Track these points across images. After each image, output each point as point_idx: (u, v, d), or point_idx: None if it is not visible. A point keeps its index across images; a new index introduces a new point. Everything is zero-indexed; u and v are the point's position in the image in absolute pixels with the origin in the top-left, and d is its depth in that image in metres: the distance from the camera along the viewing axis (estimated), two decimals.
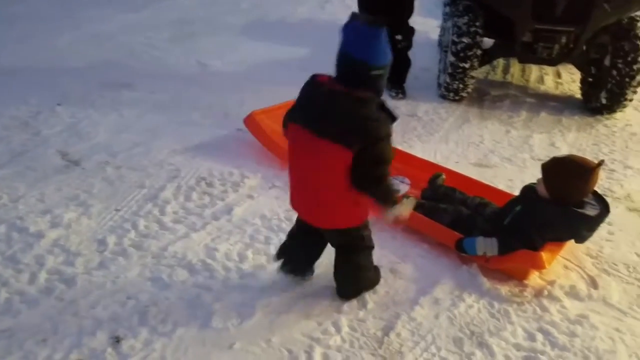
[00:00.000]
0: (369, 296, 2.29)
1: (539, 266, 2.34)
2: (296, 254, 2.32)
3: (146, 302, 2.25)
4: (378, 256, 2.54)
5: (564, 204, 2.33)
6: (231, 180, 3.20)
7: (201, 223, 2.79)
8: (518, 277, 2.43)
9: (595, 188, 3.15)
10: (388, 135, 1.87)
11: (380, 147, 1.84)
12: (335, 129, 1.82)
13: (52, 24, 6.03)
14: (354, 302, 2.27)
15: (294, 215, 2.77)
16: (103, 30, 6.01)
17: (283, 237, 2.65)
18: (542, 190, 2.40)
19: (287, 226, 2.73)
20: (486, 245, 2.37)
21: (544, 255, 2.32)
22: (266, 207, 2.94)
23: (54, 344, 2.03)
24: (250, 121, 3.62)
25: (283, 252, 2.34)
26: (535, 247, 2.33)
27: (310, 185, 2.02)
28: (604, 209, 2.37)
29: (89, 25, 6.15)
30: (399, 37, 4.26)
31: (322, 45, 5.93)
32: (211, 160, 3.43)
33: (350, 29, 1.79)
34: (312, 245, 2.29)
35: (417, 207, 2.69)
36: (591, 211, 2.33)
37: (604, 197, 2.44)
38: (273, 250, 2.57)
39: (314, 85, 1.92)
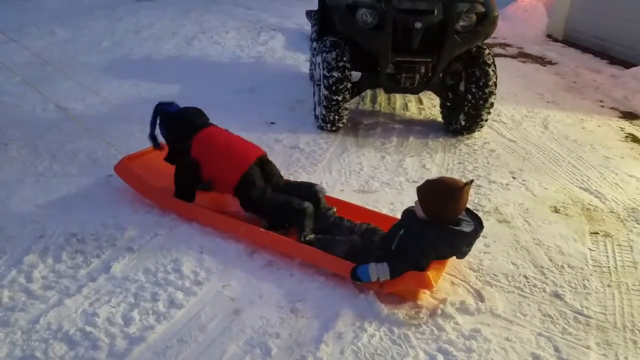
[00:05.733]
0: (272, 342, 2.20)
1: (428, 286, 2.43)
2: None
3: None
4: (277, 296, 2.49)
5: (441, 223, 2.46)
6: (106, 233, 2.93)
7: (76, 286, 2.50)
8: (410, 298, 2.50)
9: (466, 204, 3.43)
10: None
11: None
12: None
13: None
14: (256, 351, 2.16)
15: (183, 266, 2.66)
16: None
17: (172, 291, 2.48)
18: (419, 212, 2.52)
19: (176, 278, 2.57)
20: (378, 271, 2.42)
21: (431, 274, 2.42)
22: (150, 260, 2.72)
23: None
24: (122, 168, 3.37)
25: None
26: (422, 267, 2.43)
27: (242, 139, 3.27)
28: (478, 224, 2.54)
29: None
30: None
31: (192, 81, 5.86)
32: (81, 213, 3.12)
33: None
34: None
35: (316, 242, 2.75)
36: (467, 227, 2.49)
37: (477, 213, 2.61)
38: (162, 307, 2.38)
39: (184, 110, 3.34)
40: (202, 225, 3.02)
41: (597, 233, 3.19)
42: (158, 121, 3.36)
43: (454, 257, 2.70)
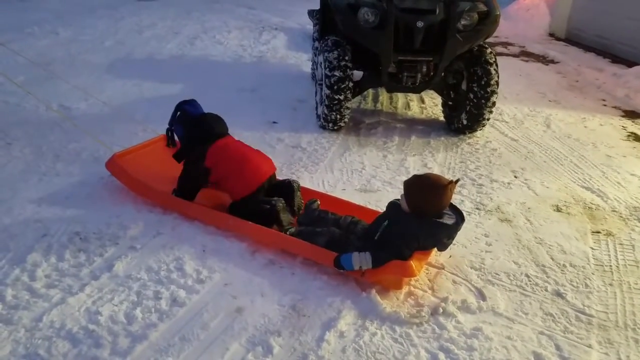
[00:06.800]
0: (274, 340, 2.21)
1: (410, 274, 2.48)
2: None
3: None
4: (279, 295, 2.50)
5: (423, 215, 2.52)
6: (109, 232, 2.94)
7: (78, 285, 2.51)
8: (393, 287, 2.54)
9: (469, 202, 3.45)
10: None
11: None
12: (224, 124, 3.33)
13: None
14: (258, 349, 2.17)
15: (185, 265, 2.67)
16: None
17: (174, 289, 2.49)
18: (404, 205, 2.58)
19: (178, 277, 2.58)
20: (361, 260, 2.48)
21: (413, 263, 2.47)
22: (152, 258, 2.73)
23: None
24: (113, 164, 3.39)
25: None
26: (404, 257, 2.48)
27: (258, 153, 3.25)
28: (459, 218, 2.59)
29: None
30: None
31: (194, 80, 5.87)
32: (84, 212, 3.14)
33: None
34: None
35: (297, 235, 2.83)
36: (449, 220, 2.54)
37: (459, 208, 2.65)
38: (164, 305, 2.39)
39: (205, 115, 3.28)
40: (201, 222, 3.04)
41: (599, 232, 3.19)
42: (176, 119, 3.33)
43: (458, 260, 2.78)
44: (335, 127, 4.57)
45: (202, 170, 3.10)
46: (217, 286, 2.54)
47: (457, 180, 2.54)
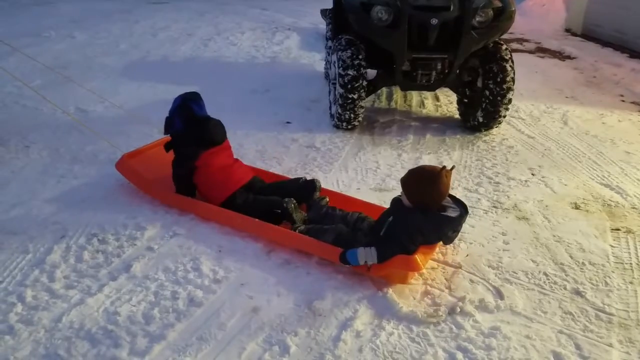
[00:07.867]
0: (290, 340, 2.21)
1: (415, 268, 2.49)
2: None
3: None
4: (295, 295, 2.50)
5: (427, 209, 2.51)
6: (126, 233, 2.97)
7: (97, 285, 2.54)
8: (399, 281, 2.56)
9: (485, 200, 3.41)
10: None
11: None
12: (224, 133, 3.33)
13: None
14: (275, 349, 2.17)
15: (202, 265, 2.69)
16: None
17: (191, 289, 2.51)
18: (405, 200, 2.59)
19: (195, 277, 2.60)
20: (366, 255, 2.49)
21: (418, 257, 2.47)
22: (169, 259, 2.75)
23: None
24: (123, 165, 3.42)
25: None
26: (409, 251, 2.49)
27: (238, 162, 3.37)
28: (463, 210, 2.58)
29: None
30: None
31: (208, 81, 5.90)
32: (101, 213, 3.17)
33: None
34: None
35: (305, 232, 2.86)
36: (453, 213, 2.54)
37: (462, 200, 2.64)
38: (182, 305, 2.40)
39: (209, 120, 3.27)
40: (217, 222, 3.06)
41: (618, 229, 3.14)
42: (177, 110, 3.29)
43: (475, 258, 2.75)
44: (349, 127, 4.56)
45: (190, 166, 3.17)
46: (233, 286, 2.56)
47: (452, 167, 2.54)
